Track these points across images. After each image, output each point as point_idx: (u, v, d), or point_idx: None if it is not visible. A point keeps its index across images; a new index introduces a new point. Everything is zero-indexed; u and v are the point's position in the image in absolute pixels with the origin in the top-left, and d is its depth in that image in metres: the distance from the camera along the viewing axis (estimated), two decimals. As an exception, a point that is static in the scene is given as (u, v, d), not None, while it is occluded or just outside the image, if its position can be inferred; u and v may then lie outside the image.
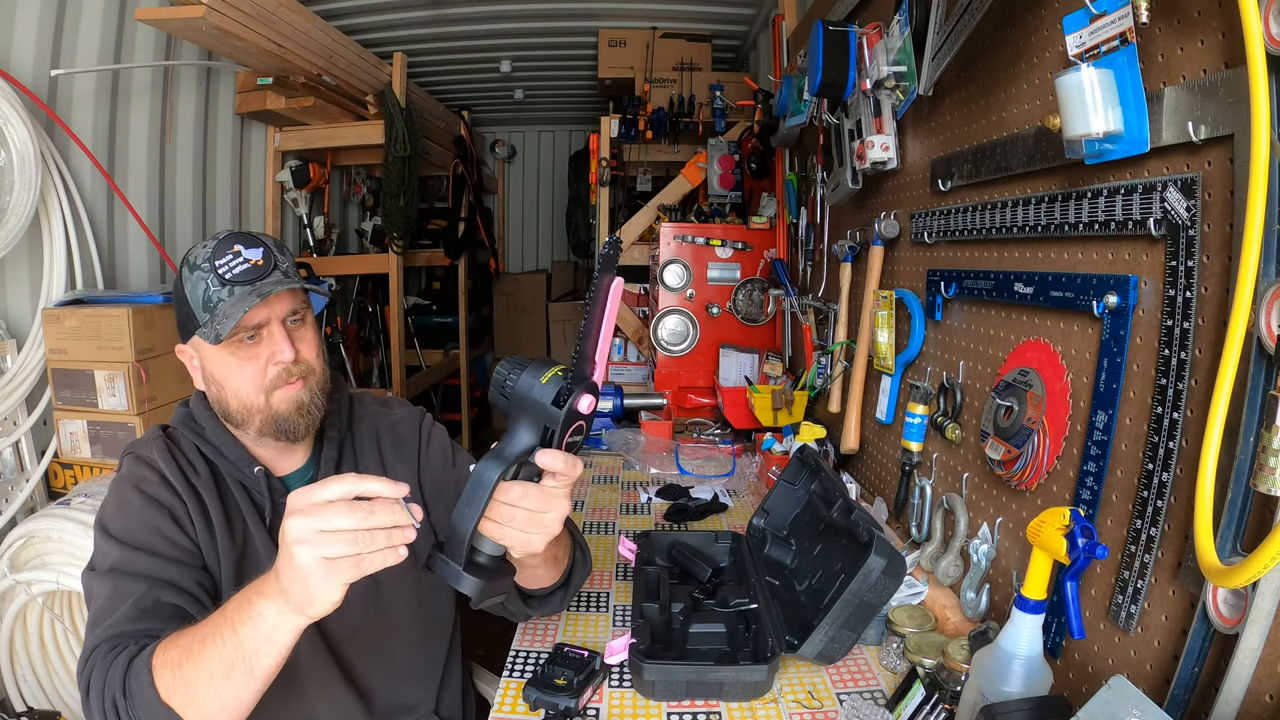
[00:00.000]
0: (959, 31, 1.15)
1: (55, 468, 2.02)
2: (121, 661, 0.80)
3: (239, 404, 1.01)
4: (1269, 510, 0.66)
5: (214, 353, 1.00)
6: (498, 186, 5.82)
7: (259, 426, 1.02)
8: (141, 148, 2.46)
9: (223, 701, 0.75)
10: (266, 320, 1.00)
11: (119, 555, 0.92)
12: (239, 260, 0.99)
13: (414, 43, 3.72)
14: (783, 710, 1.04)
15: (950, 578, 1.23)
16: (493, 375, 0.80)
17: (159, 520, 0.95)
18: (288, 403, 1.02)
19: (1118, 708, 0.67)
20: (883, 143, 1.50)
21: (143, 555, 0.92)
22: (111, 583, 0.90)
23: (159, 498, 0.97)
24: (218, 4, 2.14)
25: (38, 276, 2.03)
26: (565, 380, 0.78)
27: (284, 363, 1.01)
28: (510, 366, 0.79)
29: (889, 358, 1.53)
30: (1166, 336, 0.80)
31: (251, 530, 1.03)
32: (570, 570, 1.10)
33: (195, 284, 0.99)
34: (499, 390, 0.79)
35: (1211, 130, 0.73)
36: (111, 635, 0.84)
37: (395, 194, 3.46)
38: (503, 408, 0.80)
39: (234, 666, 0.74)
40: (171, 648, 0.78)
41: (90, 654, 0.84)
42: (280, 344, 1.00)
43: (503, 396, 0.79)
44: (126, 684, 0.78)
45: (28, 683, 1.88)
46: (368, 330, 4.31)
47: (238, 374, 1.00)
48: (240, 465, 1.04)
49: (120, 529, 0.94)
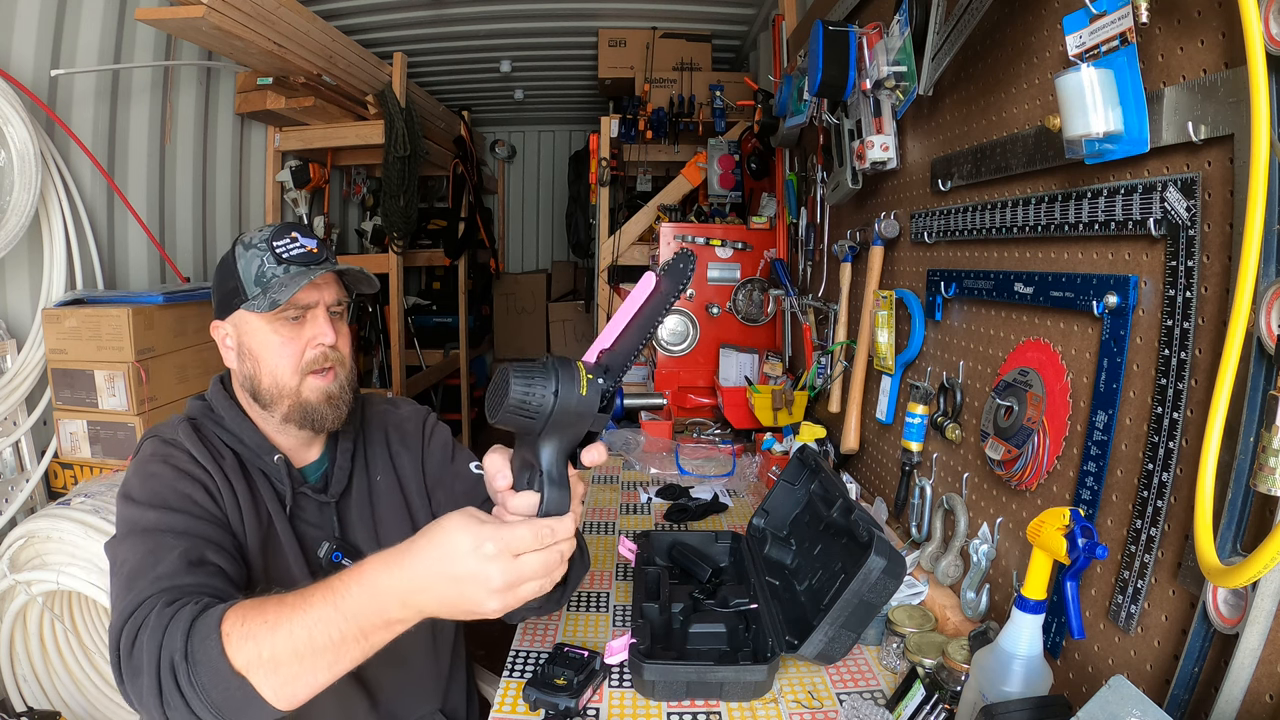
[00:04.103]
0: (959, 31, 1.15)
1: (55, 468, 2.02)
2: (182, 621, 0.74)
3: (272, 381, 1.02)
4: (1269, 510, 0.66)
5: (258, 327, 1.02)
6: (498, 186, 5.82)
7: (285, 412, 1.03)
8: (141, 148, 2.46)
9: (317, 683, 0.72)
10: (315, 303, 1.04)
11: (154, 516, 0.89)
12: (296, 245, 1.03)
13: (414, 43, 3.72)
14: (783, 710, 1.04)
15: (950, 578, 1.23)
16: (507, 398, 0.66)
17: (190, 489, 0.95)
18: (317, 392, 1.04)
19: (1118, 708, 0.67)
20: (883, 143, 1.50)
21: (179, 515, 0.90)
22: (149, 540, 0.86)
23: (189, 471, 0.97)
24: (218, 4, 2.14)
25: (38, 276, 2.03)
26: (600, 380, 0.70)
27: (324, 346, 1.04)
28: (528, 383, 0.66)
29: (889, 358, 1.53)
30: (1166, 336, 0.80)
31: (274, 518, 1.03)
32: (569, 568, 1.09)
33: (250, 260, 1.02)
34: (522, 413, 0.66)
35: (1211, 130, 0.73)
36: (164, 588, 0.79)
37: (395, 194, 3.46)
38: (528, 428, 0.69)
39: (340, 657, 0.71)
40: (256, 620, 0.72)
41: (136, 609, 0.77)
42: (324, 327, 1.04)
43: (528, 418, 0.67)
44: (190, 648, 0.72)
45: (28, 683, 1.88)
46: (368, 330, 4.31)
47: (278, 351, 1.02)
48: (261, 453, 1.05)
49: (149, 496, 0.92)
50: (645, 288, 0.76)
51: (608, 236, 3.22)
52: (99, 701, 1.89)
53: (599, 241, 3.32)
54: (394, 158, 3.38)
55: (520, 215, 6.02)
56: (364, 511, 1.13)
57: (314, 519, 1.08)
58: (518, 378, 0.66)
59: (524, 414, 0.67)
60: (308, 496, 1.08)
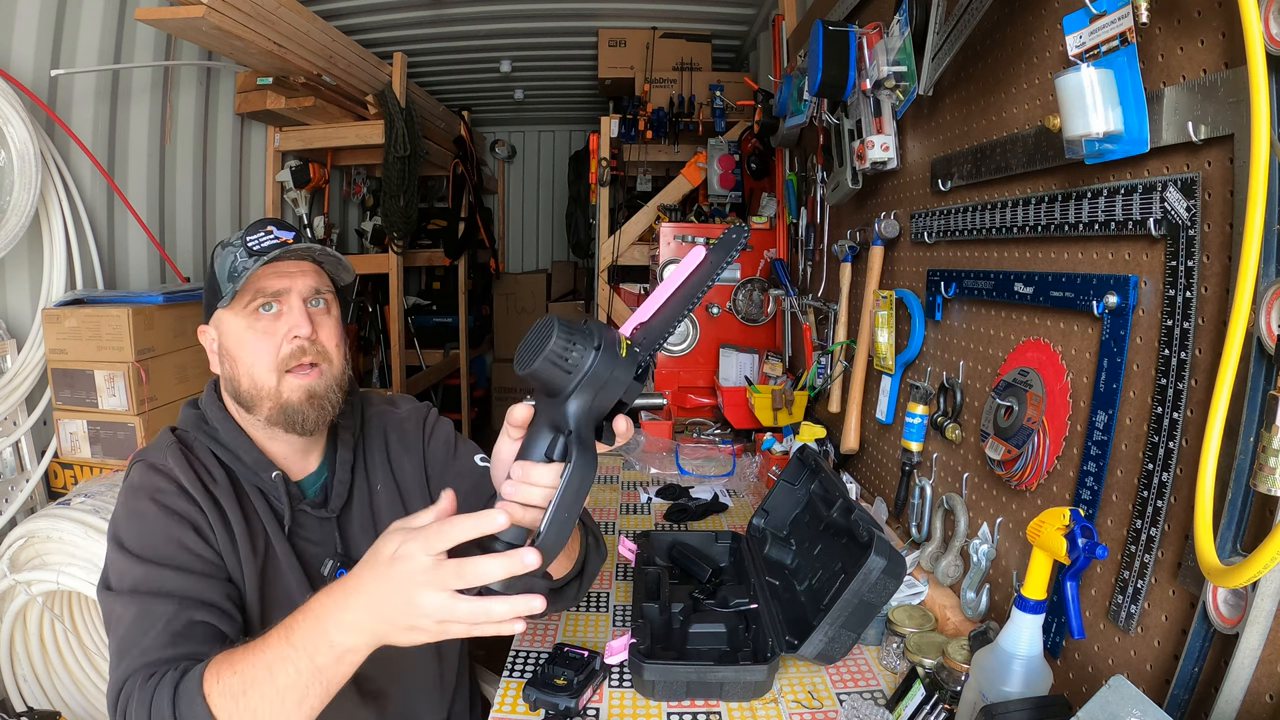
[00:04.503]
0: (959, 31, 1.15)
1: (55, 468, 2.02)
2: (166, 688, 0.76)
3: (250, 382, 0.98)
4: (1269, 510, 0.66)
5: (234, 325, 0.99)
6: (498, 186, 5.81)
7: (268, 414, 0.99)
8: (141, 148, 2.46)
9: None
10: (286, 290, 0.99)
11: (141, 573, 0.86)
12: (269, 237, 0.99)
13: (414, 43, 3.72)
14: (783, 710, 1.04)
15: (950, 578, 1.23)
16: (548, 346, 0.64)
17: (180, 532, 0.91)
18: (298, 391, 0.98)
19: (1118, 708, 0.67)
20: (883, 143, 1.50)
21: (168, 571, 0.87)
22: (136, 604, 0.84)
23: (178, 509, 0.92)
24: (218, 4, 2.14)
25: (38, 276, 2.03)
26: (637, 350, 0.69)
27: (300, 339, 0.98)
28: (570, 334, 0.65)
29: (889, 358, 1.53)
30: (1166, 336, 0.80)
31: (272, 539, 0.99)
32: (584, 559, 1.01)
33: (224, 258, 0.99)
34: (559, 364, 0.64)
35: (1211, 130, 0.73)
36: (146, 663, 0.80)
37: (395, 194, 3.46)
38: (560, 384, 0.66)
39: (307, 693, 0.72)
40: (227, 673, 0.74)
41: (123, 684, 0.79)
42: (299, 317, 0.98)
43: (564, 372, 0.65)
44: (178, 711, 0.74)
45: (28, 683, 1.88)
46: (368, 330, 4.31)
47: (253, 347, 0.98)
48: (258, 470, 1.00)
49: (139, 544, 0.89)
50: (692, 261, 0.72)
51: (608, 236, 3.22)
52: (99, 701, 1.89)
53: (599, 241, 3.31)
54: (394, 158, 3.38)
55: (520, 215, 6.01)
56: (366, 524, 1.09)
57: (315, 536, 1.04)
58: (563, 328, 0.64)
59: (561, 366, 0.64)
60: (307, 513, 1.04)
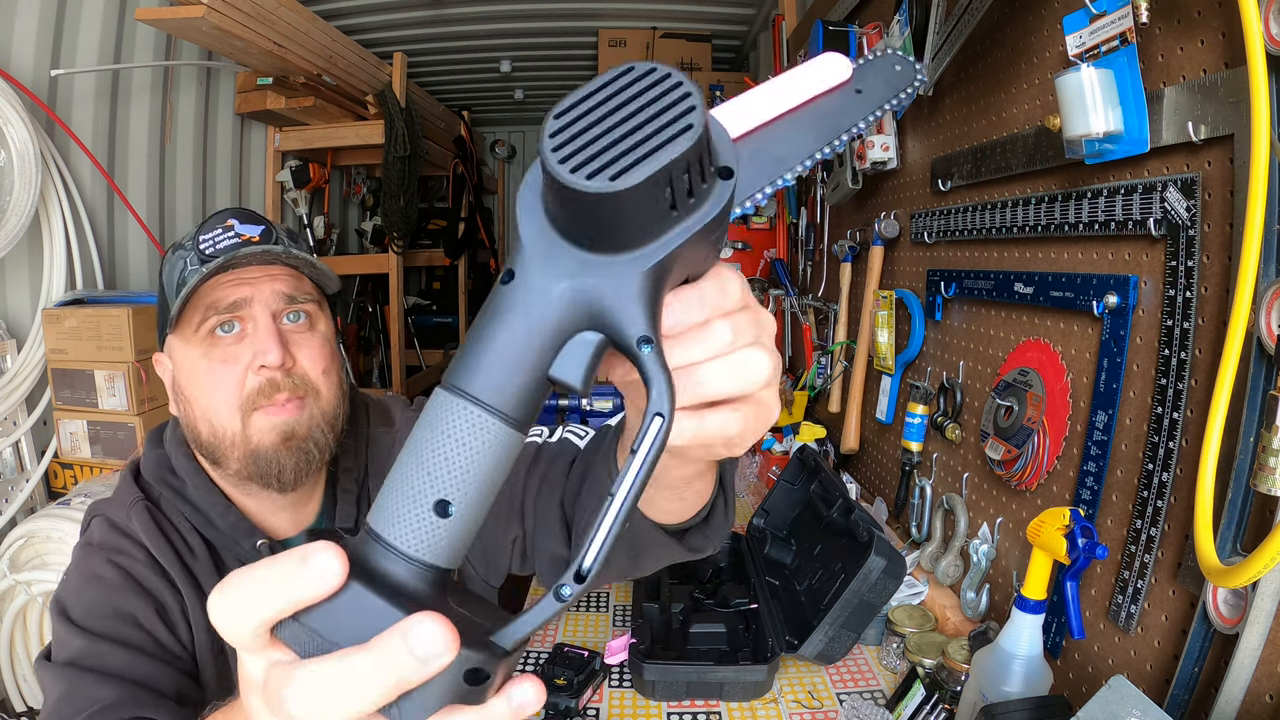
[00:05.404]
0: (959, 31, 1.15)
1: (55, 468, 2.02)
2: None
3: (209, 429, 0.73)
4: (1269, 510, 0.66)
5: (186, 356, 0.74)
6: (498, 186, 5.82)
7: (237, 467, 0.73)
8: (141, 148, 2.46)
9: None
10: (247, 300, 0.72)
11: (80, 645, 0.68)
12: (228, 235, 0.73)
13: (414, 43, 3.72)
14: (783, 710, 1.04)
15: (950, 578, 1.23)
16: (679, 150, 0.28)
17: (138, 606, 0.71)
18: (269, 432, 0.72)
19: (1118, 708, 0.67)
20: (883, 143, 1.51)
21: (113, 648, 0.68)
22: (64, 681, 0.66)
23: (144, 582, 0.73)
24: (218, 4, 2.14)
25: (38, 276, 2.03)
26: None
27: (269, 367, 0.71)
28: (702, 147, 0.31)
29: (889, 358, 1.53)
30: (1166, 336, 0.80)
31: None
32: (710, 515, 0.62)
33: (173, 266, 0.74)
34: (681, 191, 0.30)
35: (1211, 130, 0.73)
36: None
37: (395, 194, 3.46)
38: (650, 227, 0.31)
39: None
40: None
41: None
42: (265, 340, 0.71)
43: (674, 210, 0.31)
44: None
45: (28, 683, 1.88)
46: (368, 330, 4.32)
47: (209, 382, 0.72)
48: (238, 538, 0.77)
49: (83, 611, 0.70)
50: (824, 72, 0.38)
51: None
52: (99, 701, 1.89)
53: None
54: (394, 158, 3.38)
55: (520, 215, 6.02)
56: None
57: None
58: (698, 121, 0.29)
59: (679, 198, 0.30)
60: None
